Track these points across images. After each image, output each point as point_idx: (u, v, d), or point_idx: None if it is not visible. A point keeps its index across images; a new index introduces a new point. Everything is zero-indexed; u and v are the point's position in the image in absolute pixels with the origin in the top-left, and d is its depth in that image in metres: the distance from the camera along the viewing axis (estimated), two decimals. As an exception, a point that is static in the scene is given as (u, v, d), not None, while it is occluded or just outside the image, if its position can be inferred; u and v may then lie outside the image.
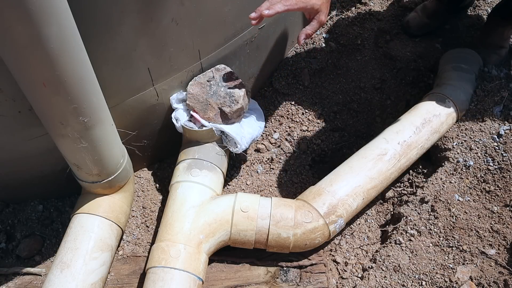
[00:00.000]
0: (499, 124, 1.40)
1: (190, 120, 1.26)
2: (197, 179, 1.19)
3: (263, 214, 1.14)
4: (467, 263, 1.15)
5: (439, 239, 1.21)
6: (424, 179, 1.39)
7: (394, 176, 1.30)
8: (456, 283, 1.11)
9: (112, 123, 1.05)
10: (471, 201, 1.26)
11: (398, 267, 1.17)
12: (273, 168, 1.51)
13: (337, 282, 1.24)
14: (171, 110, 1.28)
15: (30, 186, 1.30)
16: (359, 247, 1.32)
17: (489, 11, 1.86)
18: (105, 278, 1.15)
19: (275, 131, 1.58)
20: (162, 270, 1.05)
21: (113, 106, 1.10)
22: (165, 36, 1.07)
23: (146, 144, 1.33)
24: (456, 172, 1.33)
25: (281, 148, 1.55)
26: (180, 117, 1.25)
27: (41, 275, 1.21)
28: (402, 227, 1.26)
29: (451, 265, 1.15)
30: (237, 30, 1.27)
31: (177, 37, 1.10)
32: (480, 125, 1.41)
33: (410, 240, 1.22)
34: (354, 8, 1.94)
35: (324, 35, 1.78)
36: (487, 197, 1.27)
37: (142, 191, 1.42)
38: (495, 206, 1.24)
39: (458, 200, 1.27)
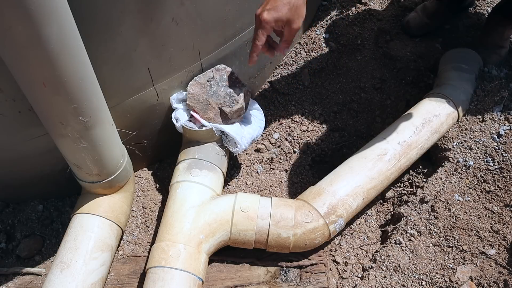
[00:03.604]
0: (499, 124, 1.40)
1: (190, 120, 1.26)
2: (197, 179, 1.19)
3: (263, 214, 1.14)
4: (467, 263, 1.15)
5: (439, 239, 1.21)
6: (424, 179, 1.39)
7: (394, 176, 1.30)
8: (456, 283, 1.12)
9: (112, 123, 1.05)
10: (471, 201, 1.26)
11: (398, 267, 1.17)
12: (273, 168, 1.51)
13: (337, 282, 1.24)
14: (171, 110, 1.28)
15: (30, 186, 1.30)
16: (359, 247, 1.32)
17: (489, 11, 1.86)
18: (105, 278, 1.15)
19: (275, 131, 1.58)
20: (162, 270, 1.05)
21: (113, 106, 1.10)
22: (165, 36, 1.07)
23: (146, 144, 1.33)
24: (456, 172, 1.33)
25: (281, 148, 1.55)
26: (180, 117, 1.25)
27: (41, 275, 1.21)
28: (402, 227, 1.26)
29: (451, 265, 1.15)
30: (237, 30, 1.27)
31: (177, 37, 1.10)
32: (480, 125, 1.41)
33: (410, 240, 1.22)
34: (354, 8, 1.94)
35: (324, 35, 1.78)
36: (487, 197, 1.27)
37: (142, 191, 1.42)
38: (495, 206, 1.24)
39: (458, 200, 1.27)
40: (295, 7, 1.02)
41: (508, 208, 1.23)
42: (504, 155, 1.31)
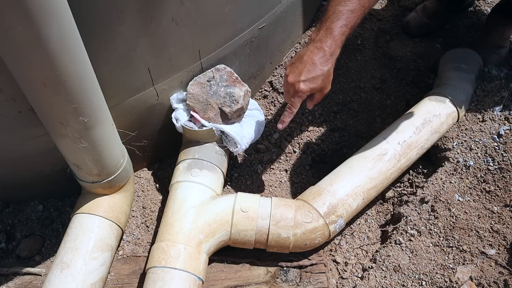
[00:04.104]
0: (499, 124, 1.40)
1: (190, 120, 1.26)
2: (197, 179, 1.19)
3: (263, 214, 1.14)
4: (467, 263, 1.15)
5: (439, 239, 1.21)
6: (424, 179, 1.39)
7: (394, 176, 1.30)
8: (456, 283, 1.12)
9: (112, 123, 1.05)
10: (471, 201, 1.26)
11: (398, 267, 1.17)
12: (273, 168, 1.51)
13: (337, 282, 1.24)
14: (171, 110, 1.28)
15: (30, 186, 1.29)
16: (359, 247, 1.32)
17: (489, 11, 1.86)
18: (105, 278, 1.15)
19: (275, 131, 1.58)
20: (162, 270, 1.05)
21: (113, 106, 1.10)
22: (165, 36, 1.07)
23: (146, 144, 1.33)
24: (456, 172, 1.33)
25: (281, 148, 1.55)
26: (180, 117, 1.25)
27: (41, 275, 1.21)
28: (402, 227, 1.26)
29: (451, 265, 1.15)
30: (237, 30, 1.27)
31: (177, 37, 1.10)
32: (480, 125, 1.41)
33: (410, 240, 1.22)
34: (354, 8, 1.94)
35: (324, 35, 1.77)
36: (487, 197, 1.27)
37: (142, 191, 1.42)
38: (495, 206, 1.24)
39: (458, 200, 1.27)
40: (327, 76, 1.10)
41: (508, 208, 1.23)
42: (504, 155, 1.31)
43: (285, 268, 1.22)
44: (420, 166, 1.46)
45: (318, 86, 1.10)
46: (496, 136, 1.36)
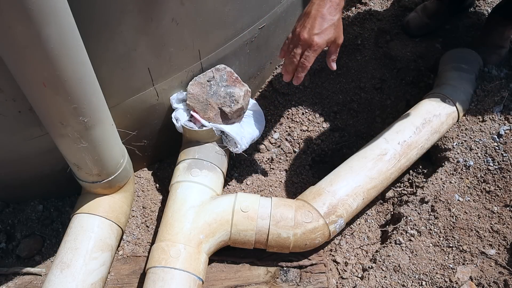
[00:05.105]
0: (499, 124, 1.40)
1: (190, 120, 1.26)
2: (197, 179, 1.19)
3: (263, 214, 1.15)
4: (467, 263, 1.15)
5: (439, 239, 1.21)
6: (424, 179, 1.39)
7: (394, 176, 1.30)
8: (456, 283, 1.12)
9: (112, 123, 1.05)
10: (471, 201, 1.26)
11: (398, 267, 1.17)
12: (273, 168, 1.51)
13: (337, 282, 1.24)
14: (171, 110, 1.28)
15: (30, 186, 1.30)
16: (359, 247, 1.32)
17: (489, 11, 1.86)
18: (105, 278, 1.15)
19: (275, 131, 1.58)
20: (162, 270, 1.05)
21: (113, 106, 1.10)
22: (165, 36, 1.07)
23: (146, 144, 1.33)
24: (456, 172, 1.33)
25: (281, 148, 1.55)
26: (180, 117, 1.25)
27: (41, 275, 1.21)
28: (402, 227, 1.26)
29: (451, 265, 1.15)
30: (237, 30, 1.27)
31: (177, 37, 1.10)
32: (480, 125, 1.41)
33: (410, 240, 1.22)
34: (354, 8, 1.94)
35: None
36: (487, 197, 1.27)
37: (142, 191, 1.42)
38: (495, 206, 1.24)
39: (458, 200, 1.27)
40: (338, 25, 1.09)
41: (508, 208, 1.23)
42: (504, 155, 1.31)
43: (285, 268, 1.22)
44: (420, 166, 1.46)
45: (333, 36, 1.08)
46: (496, 136, 1.36)
